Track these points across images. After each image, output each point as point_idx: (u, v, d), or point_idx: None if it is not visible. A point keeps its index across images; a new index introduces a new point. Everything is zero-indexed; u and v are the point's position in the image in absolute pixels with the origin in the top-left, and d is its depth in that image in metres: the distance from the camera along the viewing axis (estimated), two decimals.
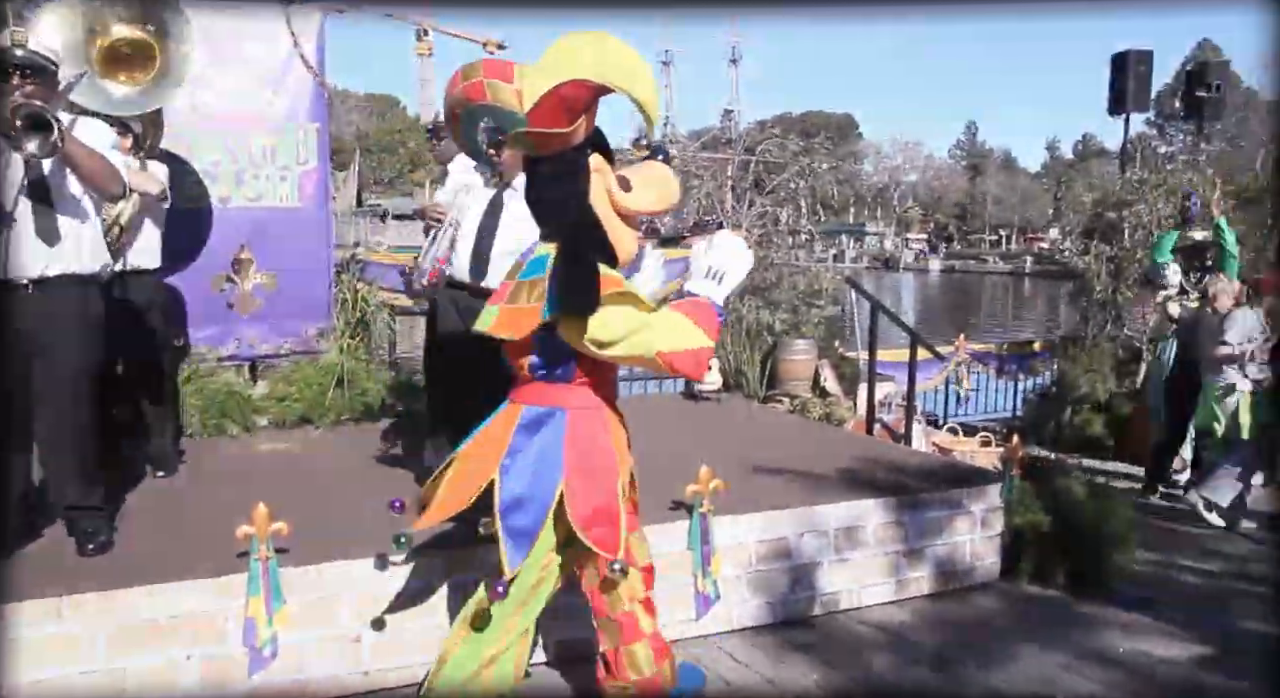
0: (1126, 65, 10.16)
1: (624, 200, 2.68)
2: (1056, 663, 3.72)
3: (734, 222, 8.20)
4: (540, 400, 2.74)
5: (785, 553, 4.06)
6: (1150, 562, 4.92)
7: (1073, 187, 12.74)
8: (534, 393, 2.76)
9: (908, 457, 5.39)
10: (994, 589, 4.49)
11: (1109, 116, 10.87)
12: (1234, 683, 3.61)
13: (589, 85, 2.46)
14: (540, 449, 2.70)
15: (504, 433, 2.74)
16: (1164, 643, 3.95)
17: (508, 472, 2.69)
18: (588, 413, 2.76)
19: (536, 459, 2.70)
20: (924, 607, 4.28)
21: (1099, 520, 4.52)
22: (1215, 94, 10.84)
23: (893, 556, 4.31)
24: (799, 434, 5.90)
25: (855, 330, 8.66)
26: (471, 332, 3.15)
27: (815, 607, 4.15)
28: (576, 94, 2.48)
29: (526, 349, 2.71)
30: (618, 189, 2.67)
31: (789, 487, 4.47)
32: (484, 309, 2.80)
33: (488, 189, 4.03)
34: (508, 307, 2.70)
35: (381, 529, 2.97)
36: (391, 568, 3.29)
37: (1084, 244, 9.40)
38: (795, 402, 7.03)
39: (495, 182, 4.01)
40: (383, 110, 68.13)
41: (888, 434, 7.37)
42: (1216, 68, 11.56)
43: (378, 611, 3.27)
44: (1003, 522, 4.56)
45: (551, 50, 2.50)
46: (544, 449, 2.70)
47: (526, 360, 2.73)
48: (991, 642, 3.90)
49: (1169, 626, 4.13)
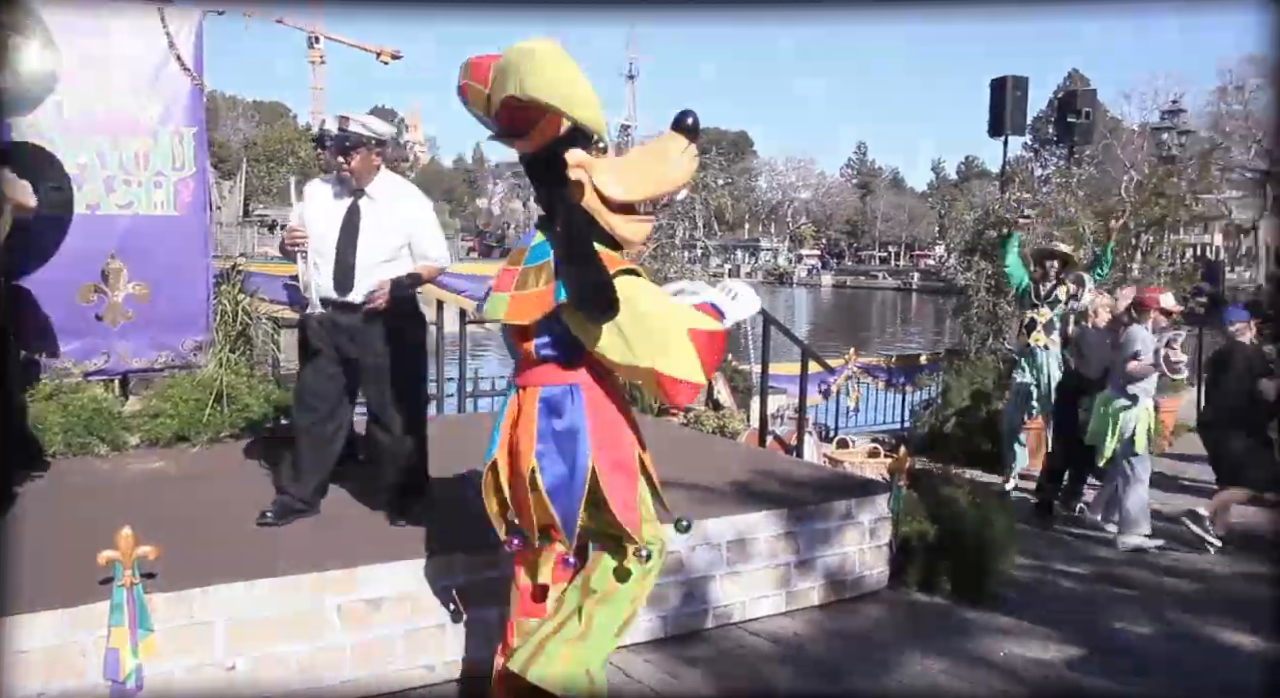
0: (1005, 90, 10.56)
1: (600, 192, 2.64)
2: (941, 668, 3.80)
3: None
4: (554, 380, 2.78)
5: (677, 567, 4.04)
6: (1029, 567, 5.09)
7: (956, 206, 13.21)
8: (545, 374, 2.79)
9: (799, 469, 5.46)
10: (882, 598, 4.56)
11: (990, 138, 11.31)
12: (1106, 683, 3.74)
13: (525, 101, 2.48)
14: (567, 430, 2.75)
15: (528, 421, 2.77)
16: (1041, 645, 4.07)
17: (544, 457, 2.74)
18: (602, 388, 2.81)
19: (565, 440, 2.75)
20: (815, 617, 4.32)
21: (981, 529, 4.64)
22: (1084, 120, 11.38)
23: (784, 567, 4.34)
24: (693, 447, 5.91)
25: (748, 344, 8.77)
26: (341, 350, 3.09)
27: (708, 620, 4.14)
28: (521, 107, 2.53)
29: (533, 332, 2.74)
30: (599, 180, 2.63)
31: (682, 500, 4.45)
32: (490, 297, 2.83)
33: (340, 201, 3.91)
34: (518, 294, 2.73)
35: (259, 550, 2.83)
36: (267, 592, 3.15)
37: (967, 261, 9.73)
38: (689, 415, 7.05)
39: (347, 191, 3.89)
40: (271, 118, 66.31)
41: (780, 446, 7.46)
42: (1085, 96, 12.16)
43: (254, 638, 3.12)
44: (890, 532, 4.65)
45: (501, 60, 2.54)
46: (571, 430, 2.75)
47: (533, 343, 2.76)
48: (880, 650, 3.96)
49: (1046, 628, 4.26)
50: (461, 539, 3.66)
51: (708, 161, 8.76)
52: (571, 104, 2.46)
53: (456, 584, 3.51)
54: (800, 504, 4.46)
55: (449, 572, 3.52)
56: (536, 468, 2.73)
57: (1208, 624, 4.41)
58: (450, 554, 3.56)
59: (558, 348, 2.75)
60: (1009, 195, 9.74)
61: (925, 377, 9.79)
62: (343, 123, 3.80)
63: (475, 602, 3.52)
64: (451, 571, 3.53)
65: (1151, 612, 4.55)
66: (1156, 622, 4.42)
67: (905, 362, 10.19)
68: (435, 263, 4.07)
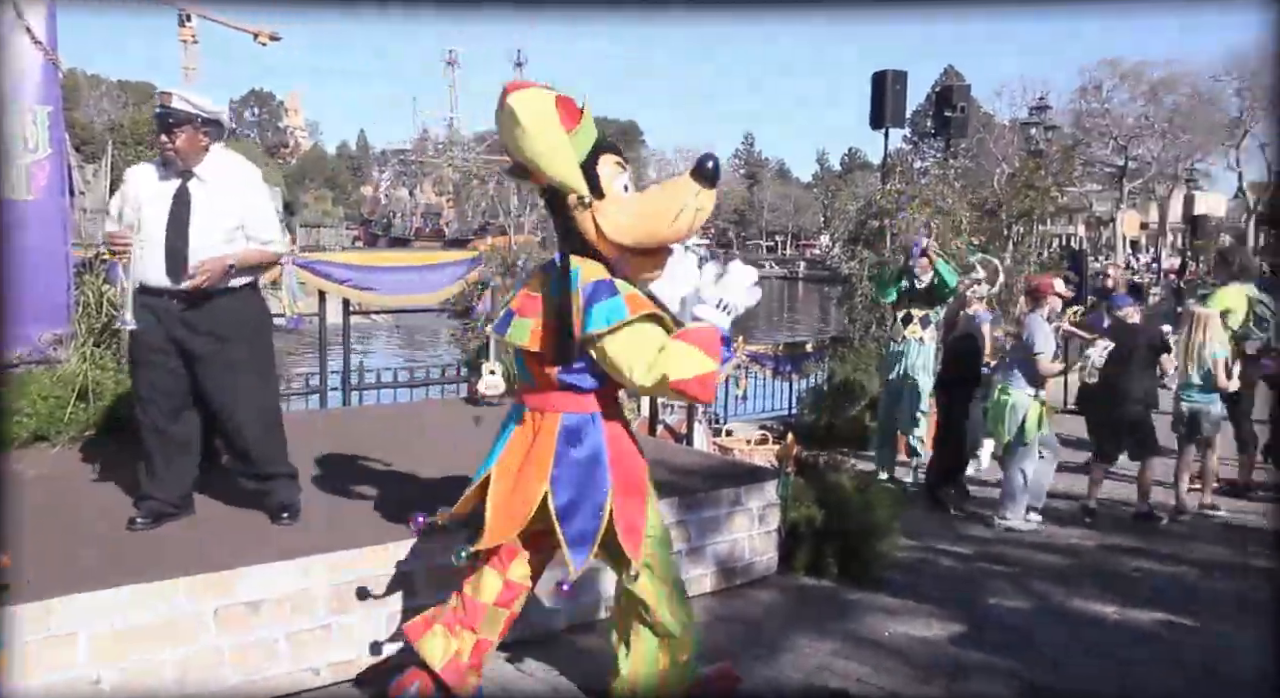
0: (885, 84, 10.84)
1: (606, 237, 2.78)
2: (830, 650, 3.88)
3: (517, 224, 8.11)
4: (574, 408, 2.88)
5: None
6: (912, 548, 5.25)
7: (840, 196, 13.52)
8: (565, 401, 2.88)
9: (689, 457, 5.49)
10: (772, 583, 4.63)
11: (871, 131, 11.60)
12: (984, 656, 3.89)
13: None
14: (588, 457, 2.87)
15: (545, 446, 2.86)
16: (924, 624, 4.20)
17: (559, 482, 2.84)
18: (617, 420, 2.98)
19: (586, 467, 2.86)
20: (708, 604, 4.35)
21: (866, 513, 4.76)
22: (960, 115, 11.78)
23: (676, 555, 4.35)
24: None
25: None
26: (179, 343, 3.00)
27: (601, 610, 4.12)
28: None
29: (550, 362, 2.83)
30: (601, 219, 2.76)
31: None
32: (512, 322, 2.89)
33: (168, 183, 3.68)
34: (546, 321, 2.81)
35: (127, 555, 2.68)
36: (138, 598, 2.99)
37: (850, 250, 9.97)
38: None
39: (174, 173, 3.67)
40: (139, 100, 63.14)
41: (670, 435, 7.49)
42: (960, 91, 12.58)
43: (123, 648, 2.96)
44: (779, 518, 4.72)
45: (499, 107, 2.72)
46: (592, 457, 2.87)
47: (556, 370, 2.83)
48: (770, 634, 4.02)
49: (928, 607, 4.41)
50: (346, 536, 3.55)
51: None
52: (549, 164, 2.69)
53: (342, 583, 3.41)
54: (690, 492, 4.48)
55: (333, 570, 3.41)
56: (550, 493, 2.83)
57: (1076, 596, 4.63)
58: (334, 552, 3.44)
59: (580, 376, 2.84)
60: (890, 186, 10.01)
61: (811, 364, 9.98)
62: (164, 99, 3.59)
63: (362, 600, 3.42)
64: (336, 569, 3.42)
65: (1025, 587, 4.75)
66: (1030, 597, 4.62)
67: (792, 349, 10.38)
68: (268, 247, 3.82)
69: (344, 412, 6.99)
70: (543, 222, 8.41)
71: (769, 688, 3.53)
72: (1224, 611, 4.49)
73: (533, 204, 8.40)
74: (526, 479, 2.87)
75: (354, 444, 5.43)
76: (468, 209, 9.85)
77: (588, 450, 2.87)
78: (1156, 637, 4.18)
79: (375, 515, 3.93)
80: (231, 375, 3.72)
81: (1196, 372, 6.25)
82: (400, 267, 7.68)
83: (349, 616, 3.43)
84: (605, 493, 2.86)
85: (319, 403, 7.18)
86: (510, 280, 7.44)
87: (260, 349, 3.86)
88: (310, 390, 7.27)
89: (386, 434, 5.64)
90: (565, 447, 2.86)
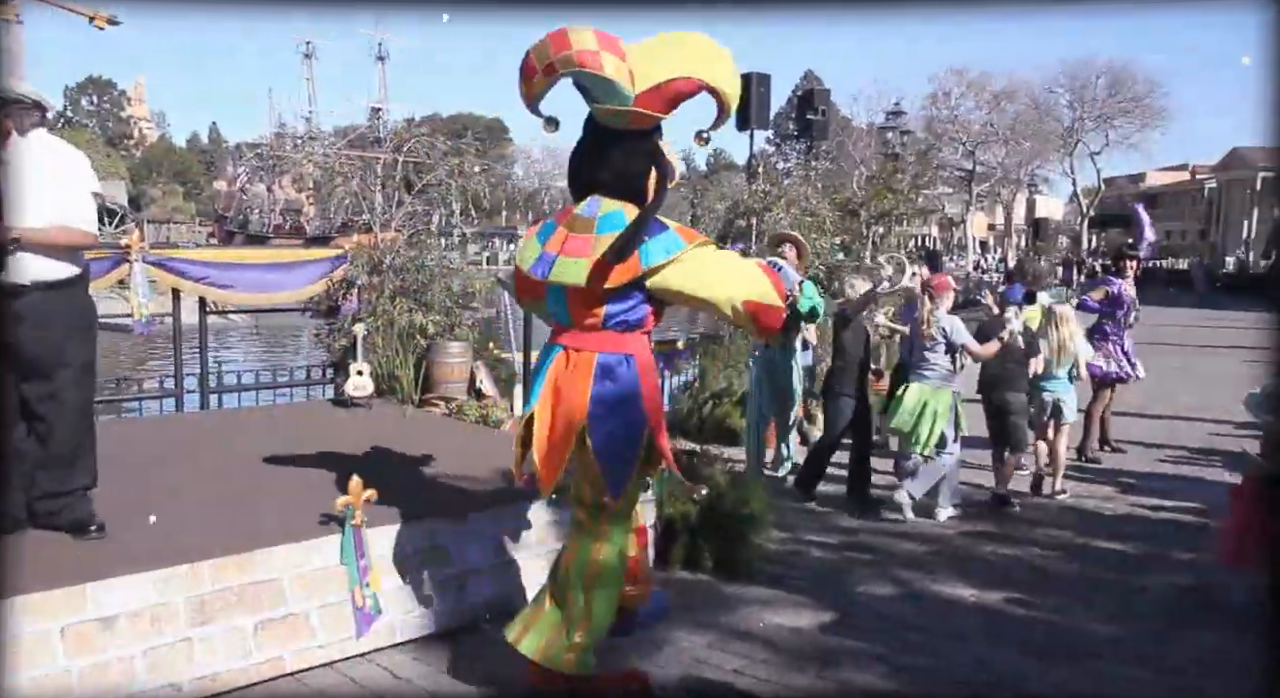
0: (750, 87, 11.06)
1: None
2: (707, 643, 3.93)
3: (383, 221, 7.91)
4: (611, 348, 3.07)
5: (446, 560, 3.95)
6: (783, 541, 5.37)
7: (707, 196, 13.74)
8: (602, 341, 3.08)
9: None
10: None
11: (737, 132, 11.85)
12: (853, 643, 4.01)
13: (697, 83, 2.99)
14: (625, 394, 3.06)
15: (581, 384, 3.04)
16: (796, 613, 4.31)
17: (597, 417, 3.04)
18: (649, 358, 3.16)
19: (622, 403, 3.05)
20: None
21: (739, 508, 4.84)
22: (821, 118, 12.15)
23: (554, 553, 4.33)
24: (456, 438, 5.80)
25: (510, 332, 8.71)
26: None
27: (483, 612, 4.07)
28: (685, 89, 3.00)
29: (600, 300, 3.01)
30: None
31: (447, 492, 4.36)
32: (558, 261, 3.02)
33: None
34: (596, 258, 2.96)
35: None
36: None
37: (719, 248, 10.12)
38: (451, 405, 6.91)
39: None
40: None
41: None
42: (820, 95, 12.98)
43: None
44: (655, 514, 4.75)
45: (663, 43, 3.03)
46: (628, 394, 3.07)
47: (602, 310, 3.03)
48: (648, 629, 4.04)
49: (800, 597, 4.52)
50: (209, 545, 3.39)
51: (464, 147, 8.59)
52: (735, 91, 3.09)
53: (202, 594, 3.25)
54: (561, 490, 4.46)
55: (193, 581, 3.25)
56: (587, 428, 3.03)
57: (937, 582, 4.83)
58: (195, 562, 3.29)
59: (627, 315, 3.05)
60: (755, 187, 10.22)
61: (683, 361, 10.09)
62: None
63: (222, 611, 3.28)
64: (197, 579, 3.26)
65: (890, 575, 4.93)
66: (895, 584, 4.79)
67: (663, 347, 10.45)
68: (79, 227, 3.56)
69: (202, 415, 6.68)
70: (409, 219, 8.23)
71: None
72: (1065, 588, 4.78)
73: (399, 201, 8.20)
74: (564, 418, 3.06)
75: (212, 449, 5.20)
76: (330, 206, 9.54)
77: (624, 387, 3.06)
78: (1008, 616, 4.41)
79: (237, 522, 3.77)
80: (44, 373, 3.49)
81: (1064, 364, 6.63)
82: (260, 264, 7.36)
83: (212, 627, 3.28)
84: (640, 427, 3.08)
85: (175, 407, 6.83)
86: (378, 278, 7.25)
87: (75, 345, 3.60)
88: (165, 393, 6.91)
89: (246, 438, 5.42)
90: (600, 385, 3.04)
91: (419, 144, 8.05)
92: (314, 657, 3.54)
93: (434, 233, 8.20)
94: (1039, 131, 49.66)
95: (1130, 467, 7.57)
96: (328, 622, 3.56)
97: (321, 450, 4.89)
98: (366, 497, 3.63)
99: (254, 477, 4.53)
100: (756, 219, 8.85)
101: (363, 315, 7.02)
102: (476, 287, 8.04)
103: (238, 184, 65.79)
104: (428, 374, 7.06)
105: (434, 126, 14.08)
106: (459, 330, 7.49)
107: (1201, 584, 4.86)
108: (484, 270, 11.10)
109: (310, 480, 4.31)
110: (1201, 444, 8.54)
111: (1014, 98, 49.44)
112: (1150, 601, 4.68)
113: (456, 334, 7.42)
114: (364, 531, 3.63)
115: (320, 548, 3.57)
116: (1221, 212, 60.34)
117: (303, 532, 3.61)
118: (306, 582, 3.53)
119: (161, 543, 3.46)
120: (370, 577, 3.65)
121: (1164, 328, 18.02)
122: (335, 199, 8.44)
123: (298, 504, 3.93)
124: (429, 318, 7.22)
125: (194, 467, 4.75)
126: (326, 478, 4.26)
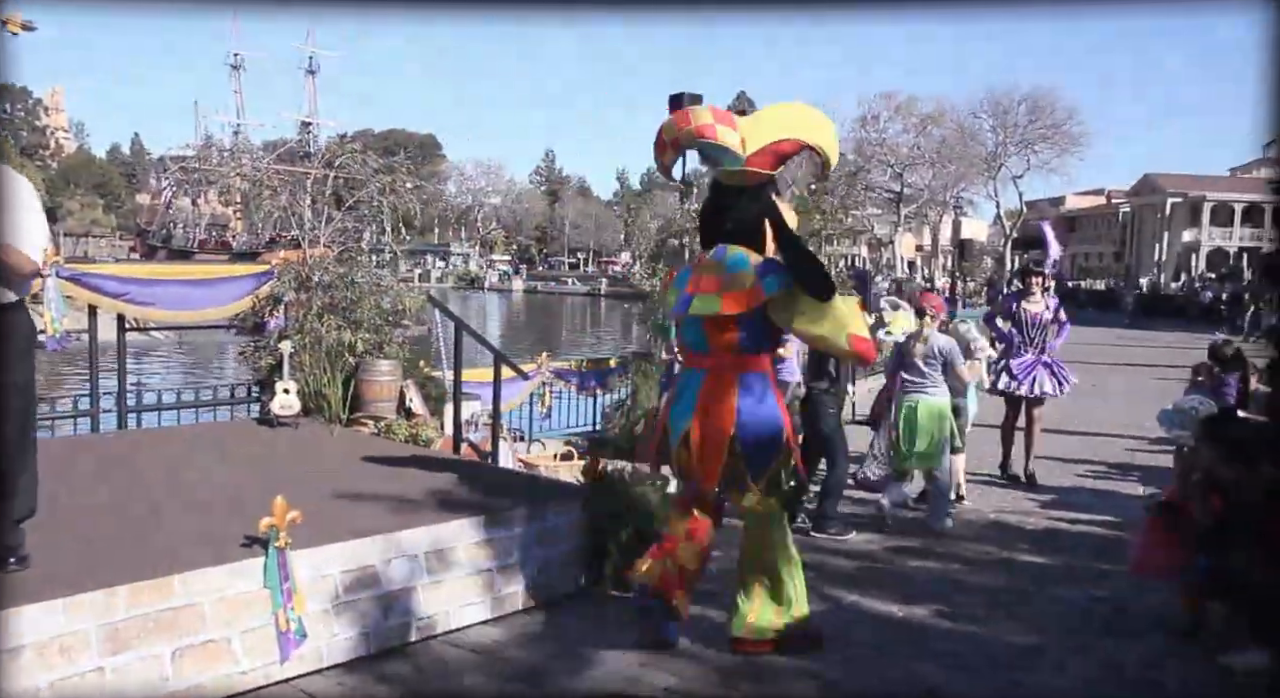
0: (682, 105, 11.16)
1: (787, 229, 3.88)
2: (639, 662, 3.92)
3: (312, 237, 7.78)
4: (750, 368, 3.78)
5: (374, 581, 3.88)
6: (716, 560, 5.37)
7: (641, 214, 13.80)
8: (741, 363, 3.77)
9: (494, 474, 5.45)
10: (581, 598, 4.64)
11: None
12: (788, 660, 4.01)
13: (799, 143, 3.87)
14: (766, 404, 3.76)
15: (729, 398, 3.72)
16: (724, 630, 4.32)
17: (744, 427, 3.71)
18: (773, 377, 3.90)
19: (764, 413, 3.75)
20: (520, 621, 4.32)
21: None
22: None
23: (487, 573, 4.30)
24: (384, 457, 5.71)
25: (440, 350, 8.62)
26: None
27: (411, 633, 4.01)
28: (790, 150, 3.91)
29: (733, 328, 3.71)
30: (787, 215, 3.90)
31: (375, 512, 4.30)
32: (695, 299, 3.72)
33: None
34: (729, 292, 3.66)
35: None
36: None
37: (651, 267, 10.18)
38: (380, 424, 6.81)
39: None
40: None
41: (474, 453, 7.39)
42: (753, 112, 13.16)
43: None
44: (585, 532, 4.73)
45: (772, 113, 3.94)
46: (768, 404, 3.77)
47: (735, 336, 3.73)
48: (581, 649, 4.02)
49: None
50: (124, 569, 3.28)
51: (395, 164, 8.50)
52: (833, 149, 4.04)
53: (115, 621, 3.15)
54: (497, 510, 4.44)
55: (107, 608, 3.15)
56: (737, 438, 3.70)
57: (866, 597, 4.89)
58: (109, 587, 3.18)
59: (755, 339, 3.76)
60: (688, 206, 10.30)
61: (615, 379, 10.10)
62: None
63: (138, 638, 3.18)
64: (111, 606, 3.16)
65: (821, 592, 4.96)
66: (826, 600, 4.83)
67: (596, 365, 10.47)
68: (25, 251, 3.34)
69: (119, 435, 6.47)
70: (339, 235, 8.12)
71: None
72: (988, 601, 4.88)
73: (329, 217, 8.08)
74: (713, 430, 3.71)
75: (130, 469, 5.05)
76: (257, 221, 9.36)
77: (766, 402, 3.75)
78: (934, 629, 4.49)
79: (155, 545, 3.66)
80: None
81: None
82: (184, 280, 7.17)
83: (126, 655, 3.17)
84: (782, 431, 3.77)
85: (90, 427, 6.61)
86: (305, 295, 7.12)
87: (26, 372, 3.49)
88: (80, 413, 6.68)
89: (166, 458, 5.28)
90: (743, 400, 3.70)
91: (350, 159, 7.94)
92: (236, 683, 3.45)
93: (364, 250, 8.09)
94: (964, 155, 51.03)
95: (1051, 482, 7.78)
96: (251, 647, 3.47)
97: (245, 471, 4.78)
98: (291, 518, 3.55)
99: (173, 498, 4.40)
100: (689, 239, 8.90)
101: (289, 332, 6.88)
102: (407, 304, 7.93)
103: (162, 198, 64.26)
104: (356, 393, 6.95)
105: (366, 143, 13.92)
106: (388, 348, 7.38)
107: (1115, 596, 5.00)
108: (415, 287, 10.95)
109: (233, 502, 4.21)
110: (1119, 459, 8.82)
111: (940, 122, 50.79)
112: (1068, 612, 4.80)
113: (386, 352, 7.32)
114: (288, 552, 3.55)
115: (243, 571, 3.48)
116: (1134, 235, 62.66)
117: (224, 555, 3.52)
118: (228, 606, 3.44)
119: (73, 568, 3.34)
120: (295, 600, 3.56)
121: (1081, 347, 18.59)
122: (263, 214, 8.27)
123: (219, 526, 3.84)
124: (358, 335, 7.10)
125: (109, 488, 4.60)
126: (250, 499, 4.16)
